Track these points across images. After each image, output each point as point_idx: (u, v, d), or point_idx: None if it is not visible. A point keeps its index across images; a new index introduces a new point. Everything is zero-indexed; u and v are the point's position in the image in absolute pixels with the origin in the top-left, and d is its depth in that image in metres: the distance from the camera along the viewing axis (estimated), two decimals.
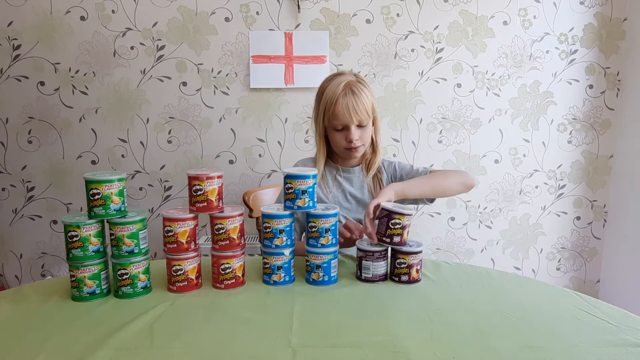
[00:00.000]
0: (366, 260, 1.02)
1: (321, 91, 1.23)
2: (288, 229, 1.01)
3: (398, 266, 1.02)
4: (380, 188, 1.28)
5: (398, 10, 1.99)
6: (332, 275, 1.02)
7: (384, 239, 1.01)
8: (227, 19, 1.96)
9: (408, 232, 1.02)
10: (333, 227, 1.01)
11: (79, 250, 0.91)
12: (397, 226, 0.99)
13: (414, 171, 1.30)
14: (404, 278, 1.02)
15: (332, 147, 1.28)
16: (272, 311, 0.88)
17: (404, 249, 1.01)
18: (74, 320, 0.84)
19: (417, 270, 1.02)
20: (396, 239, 1.00)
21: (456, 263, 1.15)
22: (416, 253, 1.01)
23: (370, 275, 1.02)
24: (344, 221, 1.23)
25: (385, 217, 1.00)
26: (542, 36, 2.04)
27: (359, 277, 1.04)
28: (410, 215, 1.01)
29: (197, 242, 1.00)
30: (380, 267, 1.02)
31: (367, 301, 0.93)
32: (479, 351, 0.73)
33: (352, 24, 1.99)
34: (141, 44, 1.95)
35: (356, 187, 1.29)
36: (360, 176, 1.30)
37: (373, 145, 1.29)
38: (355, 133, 1.19)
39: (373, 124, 1.25)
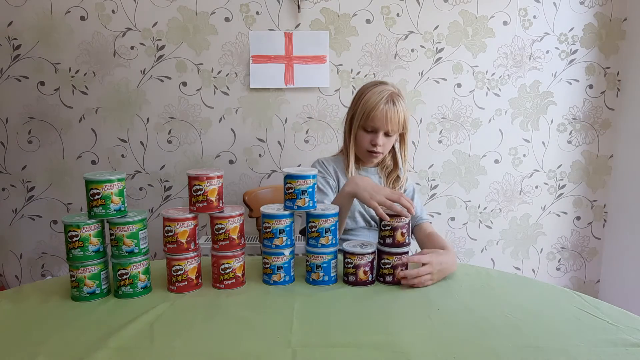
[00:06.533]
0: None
1: (362, 93, 1.30)
2: (288, 229, 1.01)
3: (382, 267, 1.02)
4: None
5: (398, 10, 1.99)
6: (332, 275, 1.02)
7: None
8: (227, 19, 1.96)
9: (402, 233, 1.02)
10: (333, 227, 1.01)
11: (79, 250, 0.91)
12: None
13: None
14: (389, 279, 1.02)
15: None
16: (272, 311, 0.88)
17: (390, 249, 1.01)
18: (74, 320, 0.84)
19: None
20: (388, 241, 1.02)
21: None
22: (401, 254, 1.01)
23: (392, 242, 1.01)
24: (359, 217, 1.31)
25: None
26: (542, 36, 2.04)
27: (382, 244, 1.02)
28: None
29: (197, 242, 1.00)
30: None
31: (367, 301, 0.93)
32: (479, 351, 0.73)
33: (352, 24, 1.99)
34: (141, 44, 1.95)
35: None
36: (375, 177, 1.37)
37: (395, 157, 1.38)
38: (381, 139, 1.27)
39: (401, 138, 1.33)
